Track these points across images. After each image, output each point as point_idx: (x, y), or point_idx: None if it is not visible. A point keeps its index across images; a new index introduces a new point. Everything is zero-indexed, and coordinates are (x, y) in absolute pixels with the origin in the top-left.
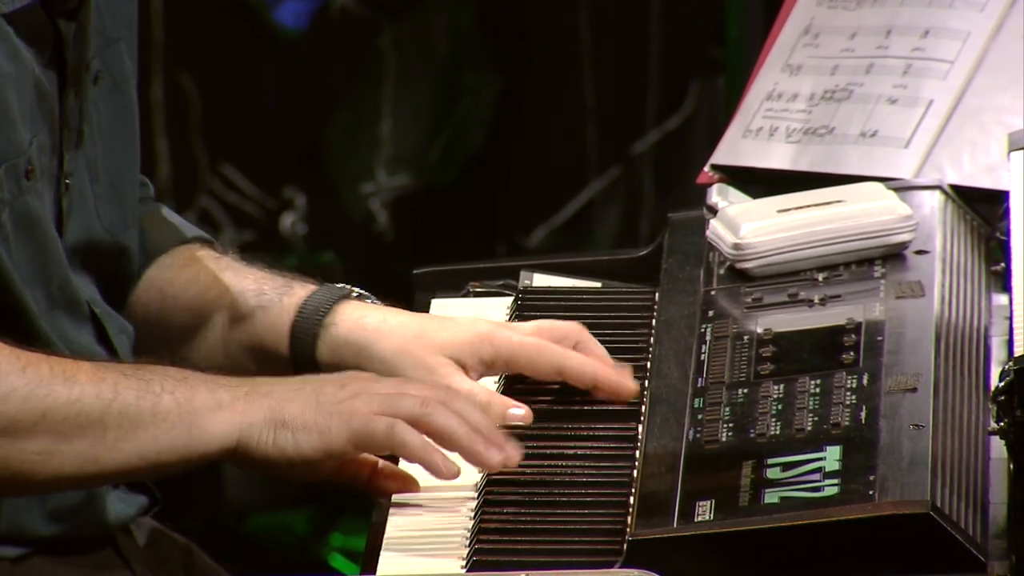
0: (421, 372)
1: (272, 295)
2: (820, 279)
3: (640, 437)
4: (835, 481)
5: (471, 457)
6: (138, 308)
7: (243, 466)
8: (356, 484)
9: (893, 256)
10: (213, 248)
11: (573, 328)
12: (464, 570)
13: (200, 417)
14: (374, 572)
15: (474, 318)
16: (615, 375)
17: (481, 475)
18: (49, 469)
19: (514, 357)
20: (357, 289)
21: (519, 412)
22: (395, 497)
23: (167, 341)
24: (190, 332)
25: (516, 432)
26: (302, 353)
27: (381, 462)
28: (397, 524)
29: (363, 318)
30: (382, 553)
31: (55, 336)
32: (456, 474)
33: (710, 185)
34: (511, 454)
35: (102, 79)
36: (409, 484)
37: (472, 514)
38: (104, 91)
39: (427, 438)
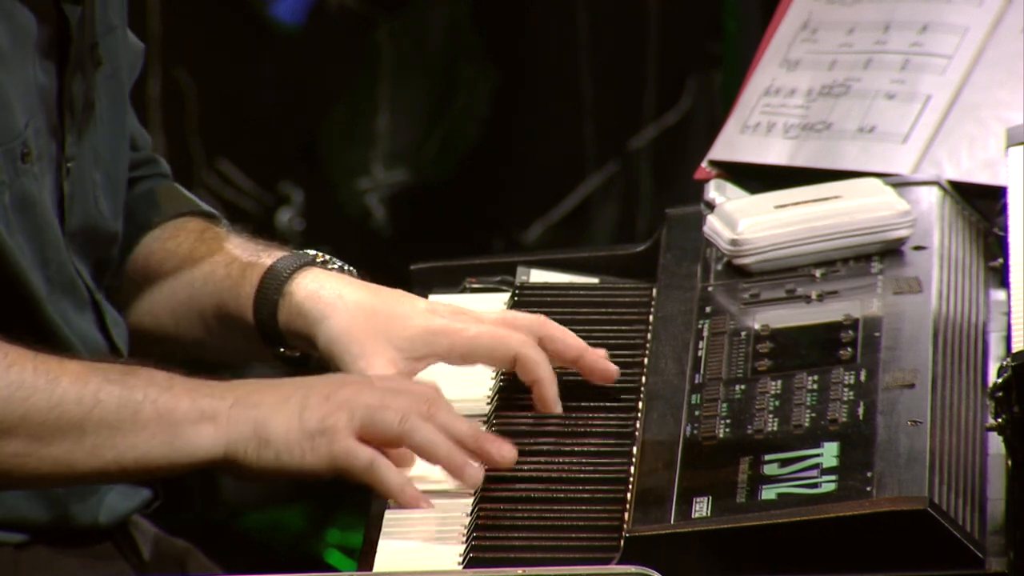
0: (360, 366)
1: (239, 264)
2: (818, 275)
3: (637, 433)
4: (832, 477)
5: (452, 472)
6: (127, 281)
7: (234, 476)
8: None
9: (891, 252)
10: (208, 221)
11: (535, 321)
12: (461, 567)
13: (182, 428)
14: (371, 568)
15: (430, 306)
16: (552, 388)
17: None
18: (24, 470)
19: (471, 351)
20: (324, 255)
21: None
22: None
23: (152, 314)
24: (169, 304)
25: (514, 428)
26: (265, 322)
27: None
28: (394, 520)
29: (320, 289)
30: (379, 549)
31: (59, 320)
32: (427, 502)
33: (707, 181)
34: (506, 454)
35: (103, 65)
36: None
37: (469, 510)
38: (104, 78)
39: (406, 473)
